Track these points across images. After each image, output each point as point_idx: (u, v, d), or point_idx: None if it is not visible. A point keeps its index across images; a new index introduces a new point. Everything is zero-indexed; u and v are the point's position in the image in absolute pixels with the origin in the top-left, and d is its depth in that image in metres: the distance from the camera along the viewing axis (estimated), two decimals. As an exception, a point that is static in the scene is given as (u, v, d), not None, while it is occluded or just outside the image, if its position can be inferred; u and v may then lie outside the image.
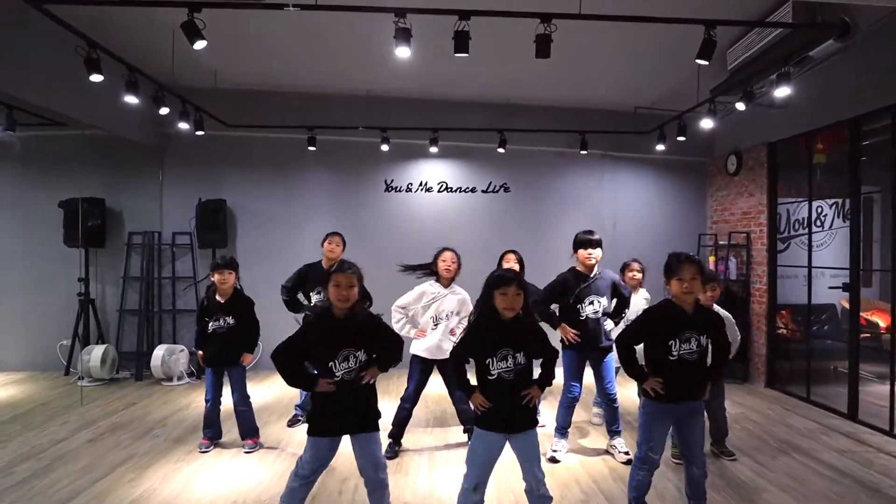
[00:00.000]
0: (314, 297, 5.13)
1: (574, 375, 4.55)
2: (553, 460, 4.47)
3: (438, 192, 7.99)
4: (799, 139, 6.58)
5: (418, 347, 4.64)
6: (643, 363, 3.42)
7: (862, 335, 6.10)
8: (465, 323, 4.64)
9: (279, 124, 7.34)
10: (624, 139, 7.95)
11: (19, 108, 5.95)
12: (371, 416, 3.15)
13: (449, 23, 4.21)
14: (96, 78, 4.46)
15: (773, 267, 7.02)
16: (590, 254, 4.39)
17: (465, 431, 4.86)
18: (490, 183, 8.05)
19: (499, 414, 3.03)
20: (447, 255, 4.67)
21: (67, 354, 7.24)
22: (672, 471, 4.29)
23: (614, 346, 3.74)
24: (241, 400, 4.69)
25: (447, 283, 4.70)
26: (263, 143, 7.65)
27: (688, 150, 8.00)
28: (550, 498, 3.11)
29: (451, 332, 4.60)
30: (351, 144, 7.70)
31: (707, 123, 6.08)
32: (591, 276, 4.45)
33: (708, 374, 3.34)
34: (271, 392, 6.41)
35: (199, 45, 3.95)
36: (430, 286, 4.72)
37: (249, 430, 4.72)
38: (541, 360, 3.17)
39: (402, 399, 4.67)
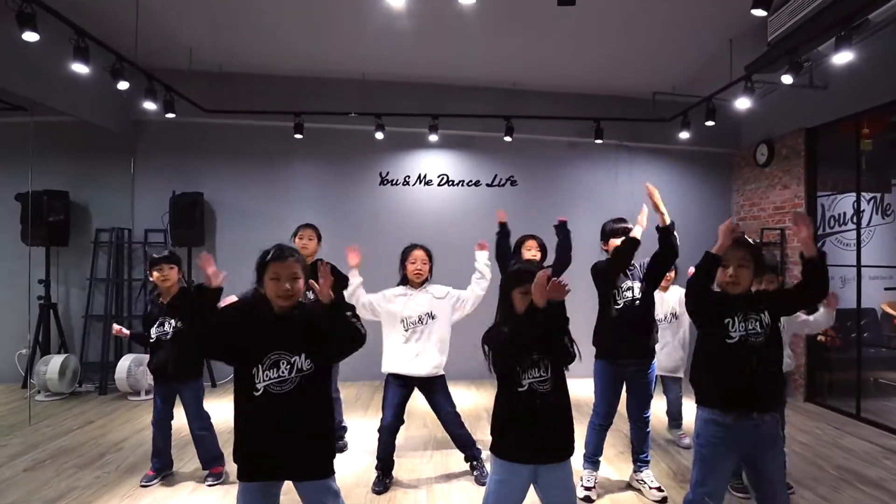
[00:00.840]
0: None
1: (605, 392, 3.75)
2: (587, 500, 3.67)
3: (439, 185, 7.27)
4: (842, 123, 5.87)
5: (389, 364, 3.87)
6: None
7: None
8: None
9: (263, 110, 6.62)
10: (641, 128, 7.24)
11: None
12: (320, 455, 2.36)
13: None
14: (31, 36, 3.76)
15: (814, 267, 6.28)
16: None
17: (466, 460, 4.08)
18: (495, 176, 7.33)
19: (527, 437, 2.35)
20: (417, 254, 3.91)
21: (26, 365, 6.48)
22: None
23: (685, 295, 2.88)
24: (199, 422, 3.91)
25: (418, 286, 3.94)
26: (245, 131, 6.94)
27: (711, 141, 7.34)
28: None
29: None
30: (342, 133, 6.99)
31: (743, 104, 5.37)
32: None
33: (780, 379, 2.61)
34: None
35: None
36: (397, 291, 3.97)
37: (212, 458, 3.95)
38: None
39: (378, 430, 3.86)
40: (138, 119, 6.72)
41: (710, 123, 6.01)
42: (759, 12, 3.45)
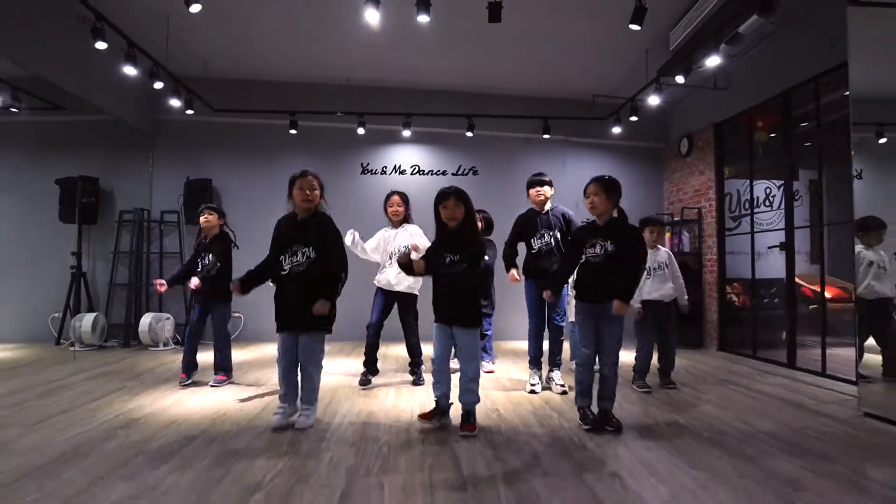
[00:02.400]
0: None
1: (534, 305, 5.00)
2: (532, 392, 4.90)
3: (411, 174, 8.52)
4: (741, 118, 7.17)
5: (379, 281, 5.17)
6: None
7: (811, 306, 6.62)
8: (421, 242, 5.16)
9: (263, 109, 7.87)
10: (585, 125, 8.55)
11: (21, 88, 6.47)
12: (321, 315, 3.66)
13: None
14: (101, 45, 4.98)
15: (722, 239, 7.58)
16: (538, 191, 4.93)
17: (410, 366, 5.32)
18: (460, 166, 8.60)
19: (442, 308, 3.68)
20: (394, 198, 5.25)
21: (59, 325, 7.60)
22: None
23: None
24: (221, 338, 5.09)
25: (397, 224, 5.23)
26: (248, 128, 8.19)
27: (645, 136, 8.66)
28: (476, 395, 3.71)
29: (413, 246, 4.95)
30: (329, 130, 8.25)
31: (654, 100, 6.68)
32: (543, 211, 4.97)
33: (616, 285, 3.77)
34: (252, 355, 6.88)
35: (195, 8, 4.47)
36: (384, 231, 5.26)
37: (222, 368, 5.13)
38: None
39: (367, 326, 5.12)
40: (158, 118, 7.95)
41: (633, 119, 7.30)
42: (635, 26, 4.74)
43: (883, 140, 4.66)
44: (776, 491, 2.71)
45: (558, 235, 4.90)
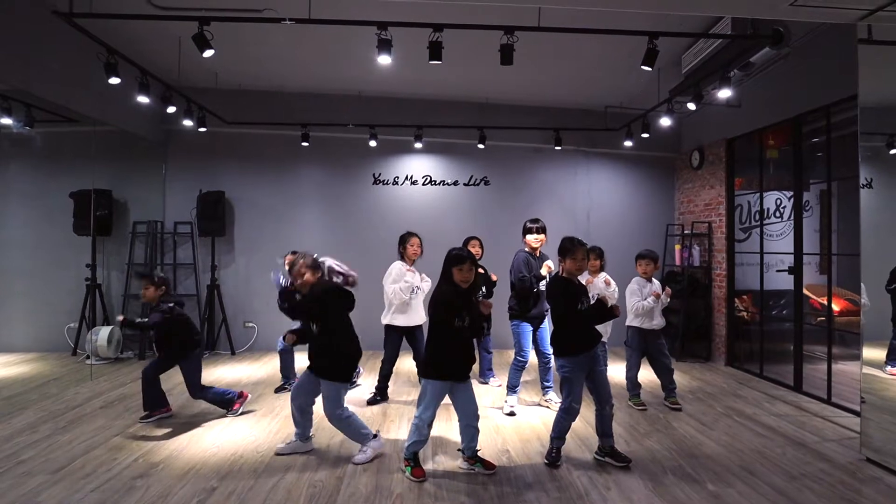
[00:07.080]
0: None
1: (525, 343, 5.23)
2: (511, 414, 5.19)
3: (423, 184, 8.54)
4: (753, 135, 7.14)
5: (392, 319, 5.36)
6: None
7: (819, 318, 6.65)
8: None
9: (275, 121, 7.88)
10: (596, 136, 8.51)
11: (36, 105, 6.51)
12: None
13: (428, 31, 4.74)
14: (114, 80, 5.00)
15: (732, 254, 7.59)
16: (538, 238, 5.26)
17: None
18: (471, 176, 8.60)
19: (453, 362, 3.78)
20: (415, 240, 5.42)
21: (75, 336, 7.74)
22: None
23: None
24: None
25: (411, 262, 5.42)
26: (260, 139, 8.21)
27: (656, 146, 8.60)
28: (478, 429, 3.91)
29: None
30: (342, 140, 8.25)
31: (665, 121, 6.65)
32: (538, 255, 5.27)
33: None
34: (265, 370, 6.98)
35: (208, 53, 4.51)
36: (401, 265, 5.39)
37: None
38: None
39: (382, 362, 5.46)
40: (170, 129, 7.97)
41: (645, 135, 7.27)
42: (646, 68, 4.71)
43: (894, 151, 4.67)
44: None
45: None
